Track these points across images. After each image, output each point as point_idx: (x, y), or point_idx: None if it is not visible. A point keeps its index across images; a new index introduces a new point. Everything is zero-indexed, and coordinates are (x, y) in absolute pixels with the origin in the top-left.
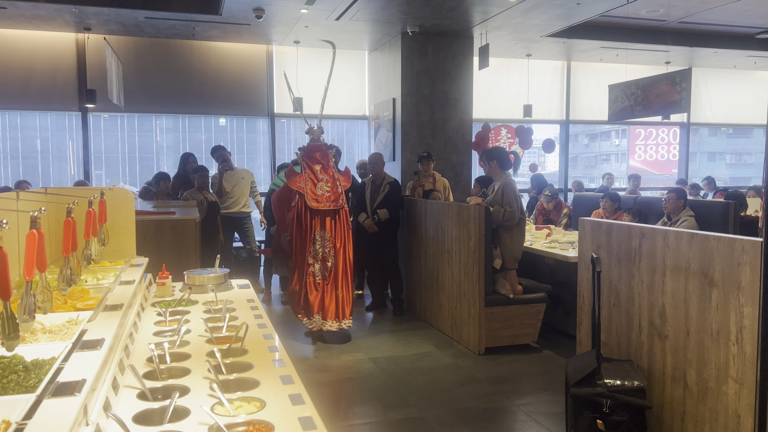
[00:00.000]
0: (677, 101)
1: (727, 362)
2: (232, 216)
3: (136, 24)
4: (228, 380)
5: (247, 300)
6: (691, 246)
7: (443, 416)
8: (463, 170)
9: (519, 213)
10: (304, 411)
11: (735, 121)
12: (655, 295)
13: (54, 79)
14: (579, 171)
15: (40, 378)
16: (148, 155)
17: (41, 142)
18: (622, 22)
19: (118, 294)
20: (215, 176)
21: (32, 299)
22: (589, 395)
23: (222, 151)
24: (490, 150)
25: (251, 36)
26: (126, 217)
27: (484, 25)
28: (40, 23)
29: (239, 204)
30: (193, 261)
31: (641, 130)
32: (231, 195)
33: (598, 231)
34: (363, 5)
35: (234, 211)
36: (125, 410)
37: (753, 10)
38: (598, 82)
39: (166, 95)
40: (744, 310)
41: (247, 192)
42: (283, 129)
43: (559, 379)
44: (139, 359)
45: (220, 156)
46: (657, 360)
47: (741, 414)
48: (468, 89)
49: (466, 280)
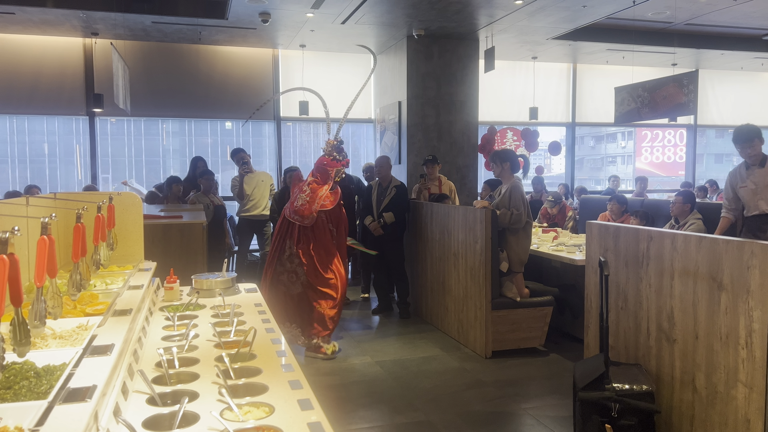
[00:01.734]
0: (684, 103)
1: (736, 366)
2: (253, 219)
3: (143, 28)
4: (236, 385)
5: (255, 304)
6: (699, 249)
7: (450, 420)
8: (469, 173)
9: (526, 216)
10: (313, 416)
11: (742, 122)
12: (664, 298)
13: (61, 84)
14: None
15: (51, 384)
16: (155, 159)
17: (48, 146)
18: (628, 24)
19: (127, 299)
20: (235, 179)
21: (43, 305)
22: (597, 399)
23: (242, 153)
24: (503, 152)
25: (257, 40)
26: (134, 222)
27: (490, 28)
28: (48, 28)
29: (260, 207)
30: (200, 265)
31: (647, 132)
32: (251, 198)
33: (606, 234)
34: (368, 9)
35: (255, 214)
36: (135, 415)
37: (760, 12)
38: (604, 85)
39: (172, 99)
40: (753, 314)
41: (267, 195)
42: (289, 132)
43: (567, 382)
44: (148, 364)
45: (240, 159)
46: (665, 364)
47: (751, 418)
48: (474, 92)
49: (472, 283)
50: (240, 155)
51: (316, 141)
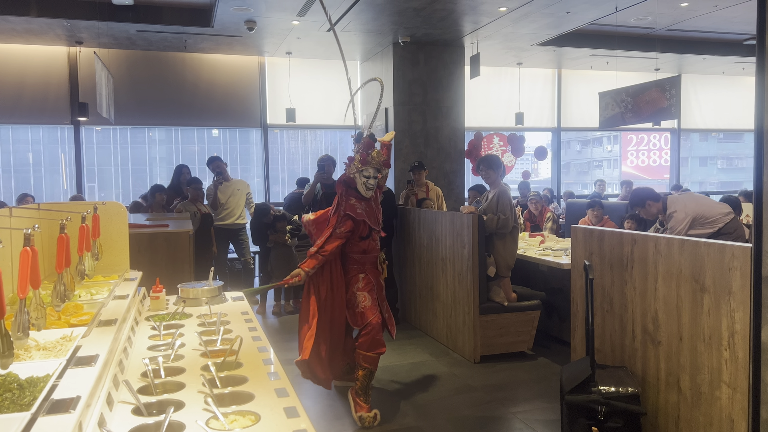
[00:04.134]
0: (667, 108)
1: (719, 367)
2: (227, 228)
3: (128, 37)
4: (223, 394)
5: (242, 312)
6: (682, 252)
7: (439, 425)
8: (456, 178)
9: (512, 221)
10: (299, 424)
11: (725, 126)
12: (648, 301)
13: (46, 93)
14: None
15: (34, 396)
16: (141, 167)
17: (33, 155)
18: (611, 30)
19: (112, 309)
20: (210, 188)
21: (26, 316)
22: (584, 402)
23: (218, 162)
24: (490, 158)
25: (243, 48)
26: (119, 231)
27: (475, 35)
28: (32, 37)
29: (234, 216)
30: (187, 273)
31: (633, 136)
32: (226, 206)
33: (590, 238)
34: (354, 16)
35: (228, 223)
36: (120, 426)
37: (740, 17)
38: (588, 90)
39: (158, 107)
40: (735, 315)
41: (243, 203)
42: (276, 140)
43: (555, 386)
44: (133, 374)
45: (216, 167)
46: (651, 366)
47: (735, 418)
48: (460, 98)
49: (460, 289)
50: (215, 164)
51: (303, 148)
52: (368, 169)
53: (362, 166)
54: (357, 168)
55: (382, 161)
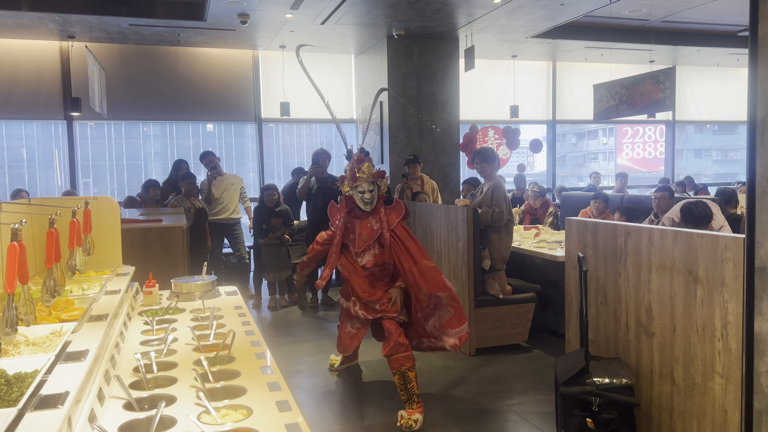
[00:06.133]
0: (661, 99)
1: (713, 358)
2: (222, 222)
3: (120, 31)
4: (215, 388)
5: (235, 307)
6: (675, 244)
7: (435, 418)
8: (451, 172)
9: (507, 214)
10: (291, 417)
11: (719, 118)
12: (642, 292)
13: (38, 88)
14: (567, 170)
15: (22, 391)
16: (136, 162)
17: (27, 150)
18: (605, 22)
19: (104, 304)
20: (204, 182)
21: (14, 312)
22: (578, 394)
23: (211, 156)
24: (485, 151)
25: (236, 41)
26: (112, 226)
27: (469, 27)
28: (24, 32)
29: (228, 210)
30: (181, 268)
31: (628, 128)
32: (220, 201)
33: (584, 230)
34: (348, 9)
35: (223, 218)
36: (111, 421)
37: (734, 9)
38: (583, 82)
39: (152, 102)
40: (728, 306)
41: (237, 198)
42: (271, 133)
43: (550, 378)
44: (125, 369)
45: (209, 162)
46: (644, 357)
47: (728, 409)
48: (454, 91)
49: (455, 282)
50: (209, 158)
51: (298, 142)
52: (361, 184)
53: (354, 183)
54: (350, 185)
55: (373, 174)
